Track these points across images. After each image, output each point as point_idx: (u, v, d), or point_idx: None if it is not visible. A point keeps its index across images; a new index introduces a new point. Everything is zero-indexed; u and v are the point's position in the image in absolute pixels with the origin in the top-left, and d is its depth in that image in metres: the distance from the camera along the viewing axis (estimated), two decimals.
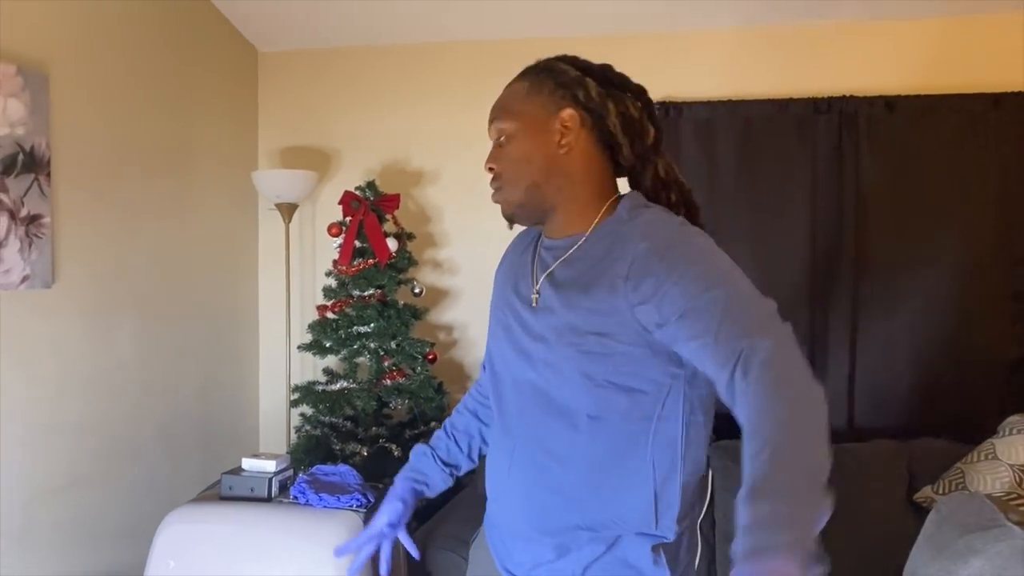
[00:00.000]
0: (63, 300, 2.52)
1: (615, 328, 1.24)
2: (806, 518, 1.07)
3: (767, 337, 1.12)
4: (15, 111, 2.31)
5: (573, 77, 1.33)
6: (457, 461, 1.58)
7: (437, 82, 3.46)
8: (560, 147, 1.32)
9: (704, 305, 1.16)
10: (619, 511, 1.27)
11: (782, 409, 1.09)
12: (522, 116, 1.33)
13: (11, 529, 2.35)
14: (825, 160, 3.09)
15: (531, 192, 1.33)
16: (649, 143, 1.35)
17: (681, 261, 1.20)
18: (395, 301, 3.15)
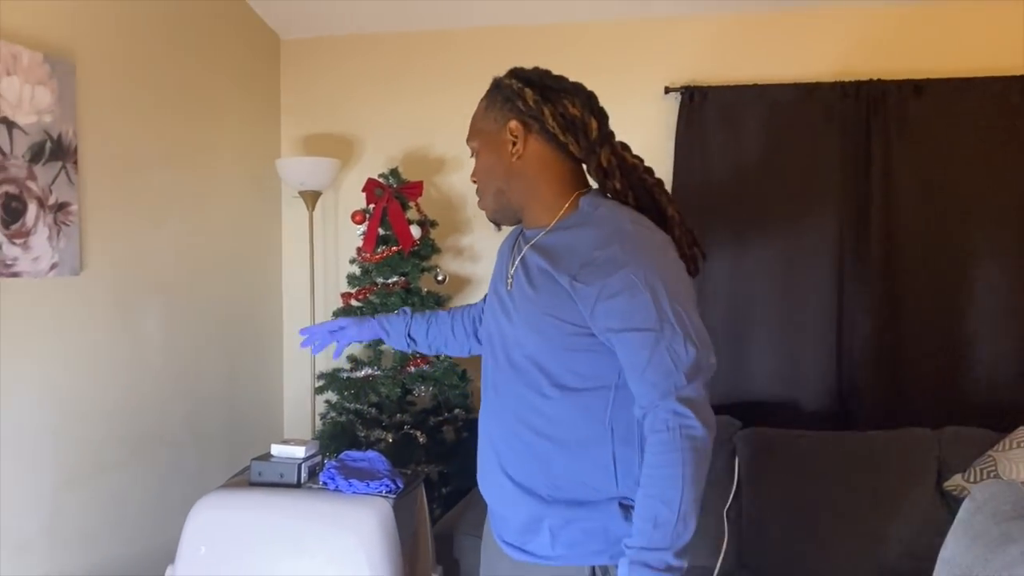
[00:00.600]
0: (91, 287, 2.53)
1: (568, 314, 1.39)
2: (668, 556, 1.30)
3: (678, 405, 1.32)
4: (43, 99, 2.31)
5: (515, 90, 1.48)
6: (419, 339, 1.90)
7: (460, 68, 3.45)
8: (512, 155, 1.49)
9: (638, 341, 1.34)
10: (582, 472, 1.43)
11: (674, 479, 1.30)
12: (482, 132, 1.53)
13: (41, 515, 2.37)
14: (852, 145, 3.04)
15: (498, 197, 1.53)
16: (593, 136, 1.48)
17: (624, 280, 1.34)
18: (419, 288, 3.15)
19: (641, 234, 1.41)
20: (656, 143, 3.25)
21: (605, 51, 3.30)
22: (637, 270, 1.35)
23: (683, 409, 1.31)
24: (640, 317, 1.33)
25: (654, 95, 3.25)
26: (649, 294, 1.34)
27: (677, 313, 1.34)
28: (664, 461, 1.31)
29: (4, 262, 2.21)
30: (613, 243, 1.38)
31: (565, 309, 1.40)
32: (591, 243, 1.40)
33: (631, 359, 1.35)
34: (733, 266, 3.12)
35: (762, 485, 2.67)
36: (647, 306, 1.33)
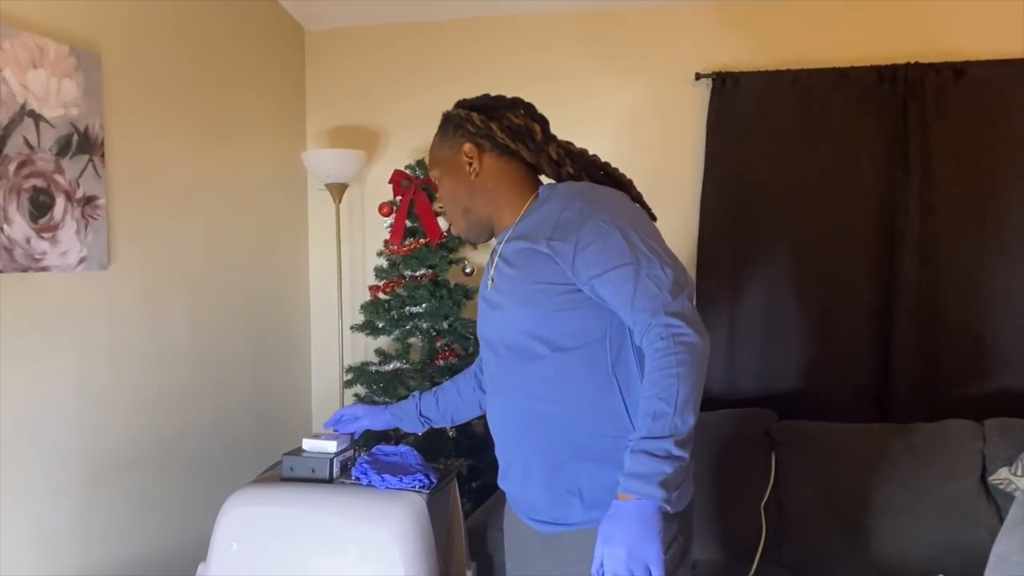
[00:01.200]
0: (118, 281, 2.51)
1: (552, 275, 1.50)
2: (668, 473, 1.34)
3: (668, 318, 1.40)
4: (69, 92, 2.29)
5: (463, 116, 1.64)
6: (431, 415, 2.00)
7: (486, 57, 3.40)
8: (471, 173, 1.63)
9: (620, 276, 1.44)
10: (598, 426, 1.51)
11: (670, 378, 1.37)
12: (442, 162, 1.68)
13: (70, 511, 2.36)
14: (889, 132, 2.96)
15: (467, 216, 1.67)
16: (539, 138, 1.65)
17: (594, 228, 1.47)
18: (446, 281, 3.11)
19: (597, 189, 1.58)
20: (686, 132, 3.19)
21: (633, 38, 3.24)
22: (603, 217, 1.48)
23: (674, 321, 1.40)
24: (616, 255, 1.45)
25: (684, 82, 3.19)
26: (619, 234, 1.46)
27: (648, 244, 1.46)
28: (661, 364, 1.38)
29: (33, 256, 2.19)
30: (575, 201, 1.52)
31: (548, 272, 1.50)
32: (556, 209, 1.54)
33: (619, 295, 1.45)
34: (768, 256, 3.06)
35: (800, 479, 2.61)
36: (619, 245, 1.45)
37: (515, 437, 1.62)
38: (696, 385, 1.39)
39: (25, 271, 2.17)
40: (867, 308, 3.00)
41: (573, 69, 3.26)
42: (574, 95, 3.22)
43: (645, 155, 3.15)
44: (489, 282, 1.66)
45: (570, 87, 3.23)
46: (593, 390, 1.52)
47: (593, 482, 1.52)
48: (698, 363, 1.39)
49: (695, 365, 1.39)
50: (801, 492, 2.59)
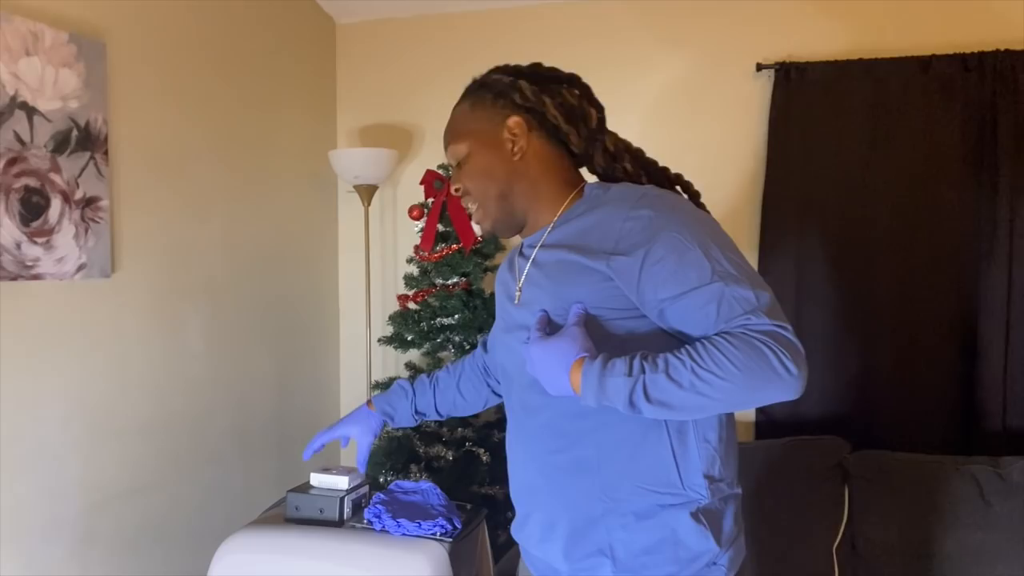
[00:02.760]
0: (123, 291, 2.31)
1: (604, 299, 1.27)
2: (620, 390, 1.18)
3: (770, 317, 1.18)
4: (68, 82, 2.10)
5: (507, 83, 1.39)
6: (427, 412, 1.76)
7: (529, 49, 3.10)
8: (514, 154, 1.37)
9: (702, 298, 1.20)
10: (639, 475, 1.29)
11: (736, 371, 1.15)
12: (472, 134, 1.40)
13: (71, 539, 2.16)
14: (975, 127, 2.66)
15: (501, 203, 1.39)
16: (593, 125, 1.40)
17: (668, 241, 1.23)
18: (480, 290, 2.87)
19: (668, 195, 1.33)
20: (746, 127, 2.93)
21: (689, 25, 2.98)
22: (679, 228, 1.24)
23: (772, 342, 1.16)
24: (696, 275, 1.21)
25: (744, 73, 2.92)
26: (700, 249, 1.22)
27: (734, 262, 1.23)
28: (729, 350, 1.15)
29: (24, 263, 1.99)
30: (643, 208, 1.27)
31: (602, 295, 1.27)
32: (618, 215, 1.28)
33: (698, 320, 1.21)
34: (836, 266, 2.77)
35: (877, 519, 2.32)
36: (700, 261, 1.22)
37: (537, 487, 1.40)
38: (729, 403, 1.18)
39: (15, 279, 1.98)
40: (948, 323, 2.70)
41: (622, 60, 3.01)
42: (624, 87, 2.97)
43: (700, 153, 2.93)
44: (516, 295, 1.42)
45: (619, 79, 2.98)
46: (637, 435, 1.29)
47: (629, 542, 1.30)
48: (755, 392, 1.17)
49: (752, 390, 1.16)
50: (878, 533, 2.30)
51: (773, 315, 1.19)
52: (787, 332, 1.18)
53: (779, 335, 1.17)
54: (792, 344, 1.17)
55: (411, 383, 1.78)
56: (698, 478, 1.29)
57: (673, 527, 1.28)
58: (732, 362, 1.14)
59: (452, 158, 1.44)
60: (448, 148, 1.44)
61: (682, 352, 1.18)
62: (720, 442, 1.32)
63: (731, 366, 1.14)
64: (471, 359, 1.78)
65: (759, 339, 1.15)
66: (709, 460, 1.30)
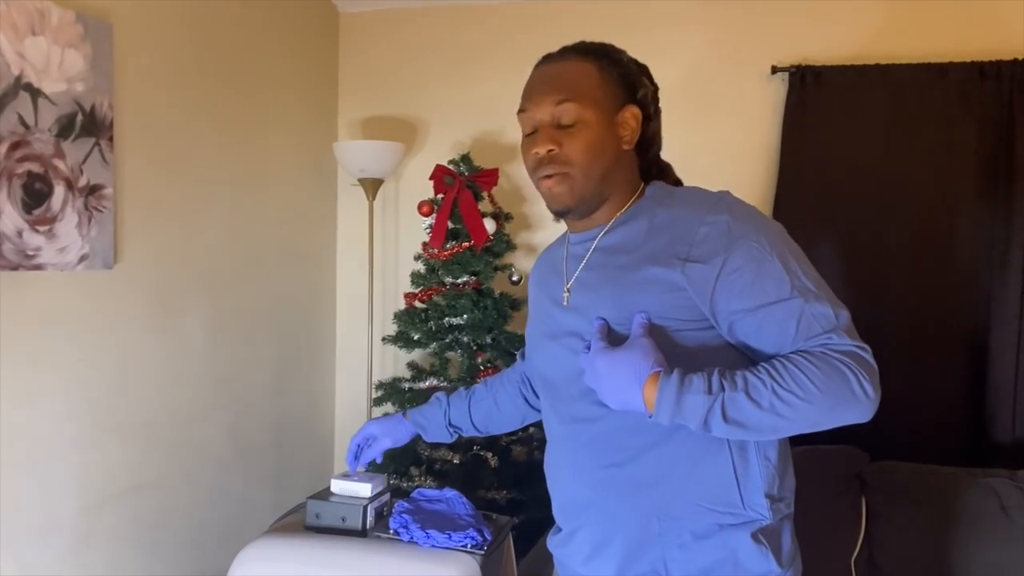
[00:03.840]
0: (126, 282, 2.22)
1: (671, 309, 1.20)
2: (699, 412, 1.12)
3: (850, 337, 1.15)
4: (73, 64, 2.00)
5: (634, 72, 1.33)
6: (462, 425, 1.68)
7: (538, 45, 3.04)
8: (624, 142, 1.30)
9: (779, 314, 1.15)
10: (698, 493, 1.22)
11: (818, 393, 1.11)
12: (599, 104, 1.28)
13: (66, 539, 2.08)
14: (992, 135, 2.62)
15: (599, 185, 1.28)
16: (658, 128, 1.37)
17: (747, 251, 1.17)
18: (491, 290, 2.80)
19: (744, 203, 1.25)
20: (760, 131, 2.88)
21: (703, 26, 2.93)
22: (759, 237, 1.18)
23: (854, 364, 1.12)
24: (775, 288, 1.16)
25: (758, 76, 2.87)
26: (779, 261, 1.17)
27: (812, 277, 1.18)
28: (813, 371, 1.11)
29: (25, 252, 1.90)
30: (721, 213, 1.20)
31: (670, 304, 1.20)
32: (692, 219, 1.21)
33: (774, 337, 1.16)
34: (849, 274, 2.73)
35: (897, 532, 2.27)
36: (780, 275, 1.16)
37: (588, 502, 1.31)
38: (809, 424, 1.13)
39: (15, 269, 1.88)
40: (960, 333, 2.67)
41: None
42: None
43: (713, 155, 2.87)
44: (565, 298, 1.33)
45: None
46: (698, 452, 1.22)
47: (685, 563, 1.23)
48: (837, 413, 1.13)
49: (833, 412, 1.12)
50: (898, 547, 2.26)
51: (852, 335, 1.15)
52: (867, 353, 1.14)
53: (859, 356, 1.13)
54: (871, 366, 1.13)
55: (446, 397, 1.71)
56: (759, 497, 1.23)
57: (733, 548, 1.22)
58: (814, 383, 1.10)
59: (563, 115, 1.27)
60: (561, 102, 1.27)
61: (760, 370, 1.13)
62: (779, 460, 1.27)
63: (813, 387, 1.10)
64: (510, 371, 1.70)
65: (840, 360, 1.11)
66: (770, 479, 1.25)
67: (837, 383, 1.10)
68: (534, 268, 1.50)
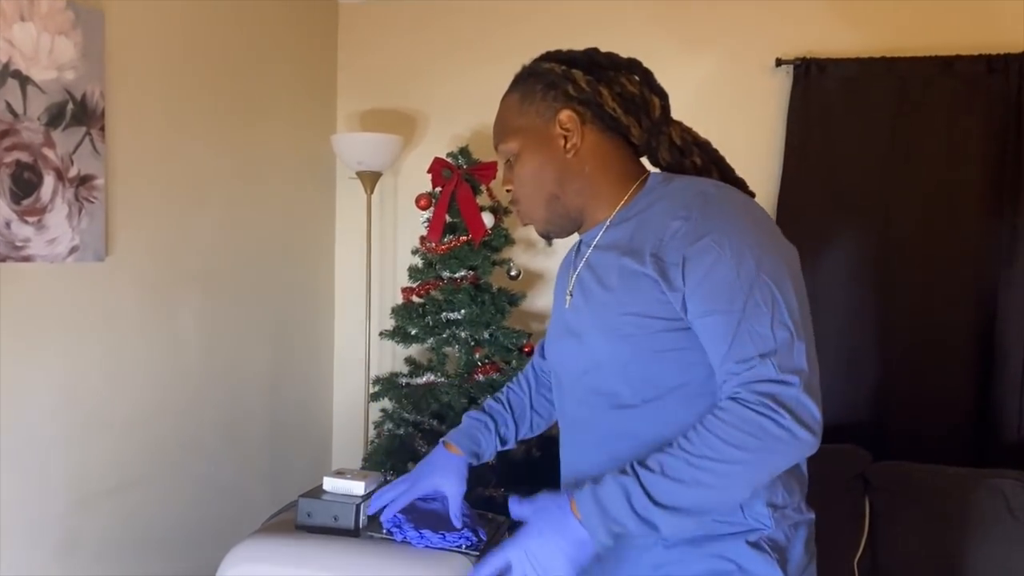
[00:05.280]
0: (117, 275, 2.19)
1: (654, 307, 1.16)
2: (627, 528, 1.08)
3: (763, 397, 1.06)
4: (64, 52, 1.96)
5: (559, 74, 1.27)
6: (509, 438, 1.60)
7: (539, 37, 2.99)
8: (567, 151, 1.26)
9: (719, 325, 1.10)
10: None
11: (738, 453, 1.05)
12: (521, 131, 1.29)
13: (53, 538, 2.04)
14: (1000, 129, 2.58)
15: (552, 205, 1.30)
16: (657, 115, 1.30)
17: (706, 248, 1.12)
18: (489, 284, 2.76)
19: (728, 195, 1.20)
20: (764, 124, 2.84)
21: (708, 19, 2.88)
22: (721, 237, 1.12)
23: (774, 404, 1.05)
24: (726, 295, 1.10)
25: (762, 68, 2.83)
26: (733, 264, 1.10)
27: (766, 288, 1.09)
28: (725, 433, 1.05)
29: (13, 244, 1.86)
30: (693, 208, 1.16)
31: (649, 300, 1.16)
32: (668, 214, 1.18)
33: (712, 349, 1.13)
34: (853, 270, 2.69)
35: (901, 532, 2.24)
36: (729, 281, 1.10)
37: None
38: (742, 488, 1.08)
39: (4, 261, 1.85)
40: (967, 330, 2.62)
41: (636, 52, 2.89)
42: None
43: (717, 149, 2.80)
44: (567, 298, 1.32)
45: None
46: None
47: (681, 566, 1.20)
48: (765, 467, 1.08)
49: (761, 467, 1.07)
50: (902, 548, 2.22)
51: (783, 360, 1.07)
52: (791, 386, 1.05)
53: (779, 395, 1.05)
54: (796, 400, 1.05)
55: (485, 413, 1.61)
56: (760, 507, 1.18)
57: (733, 557, 1.18)
58: (729, 442, 1.05)
59: (502, 156, 1.34)
60: (497, 146, 1.33)
61: (673, 447, 1.09)
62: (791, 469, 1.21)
63: (729, 447, 1.05)
64: (532, 370, 1.65)
65: (755, 405, 1.05)
66: (771, 488, 1.19)
67: (754, 435, 1.04)
68: (563, 262, 1.48)
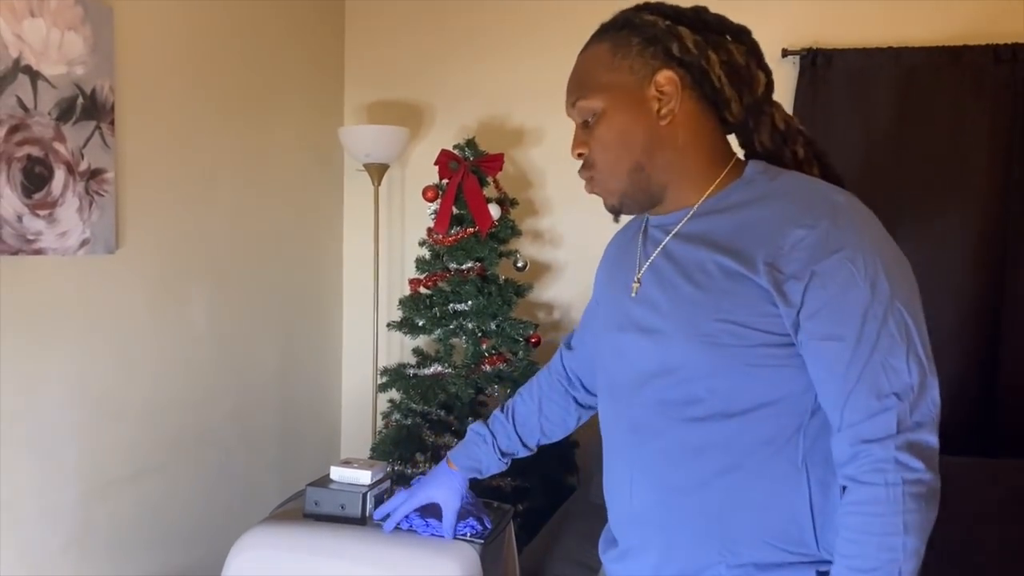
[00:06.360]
0: (127, 268, 2.21)
1: (757, 319, 1.04)
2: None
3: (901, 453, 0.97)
4: (74, 47, 1.98)
5: (663, 29, 1.12)
6: (515, 450, 1.52)
7: (545, 28, 3.05)
8: (661, 118, 1.11)
9: (843, 353, 1.00)
10: (767, 527, 1.07)
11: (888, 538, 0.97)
12: (610, 89, 1.13)
13: (67, 528, 2.07)
14: (1006, 120, 2.58)
15: (635, 176, 1.14)
16: (760, 92, 1.14)
17: (840, 266, 1.00)
18: (496, 276, 2.78)
19: (858, 208, 1.05)
20: None
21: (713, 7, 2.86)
22: (855, 254, 1.00)
23: (909, 458, 0.96)
24: (849, 320, 0.99)
25: (769, 59, 2.68)
26: (868, 289, 0.99)
27: (900, 317, 0.99)
28: (880, 527, 0.96)
29: (25, 237, 1.89)
30: (822, 218, 1.02)
31: (754, 313, 1.04)
32: (788, 219, 1.04)
33: (829, 378, 1.02)
34: None
35: None
36: (862, 305, 0.99)
37: (647, 523, 1.17)
38: (922, 556, 0.98)
39: (15, 254, 1.87)
40: (975, 322, 2.63)
41: None
42: None
43: None
44: (633, 286, 1.18)
45: None
46: (772, 482, 1.07)
47: None
48: (928, 525, 0.98)
49: (925, 529, 0.97)
50: None
51: (918, 399, 0.99)
52: (924, 430, 0.98)
53: (914, 444, 0.97)
54: (927, 445, 0.98)
55: (486, 425, 1.53)
56: (833, 537, 1.06)
57: None
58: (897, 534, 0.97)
59: (578, 116, 1.17)
60: (575, 103, 1.16)
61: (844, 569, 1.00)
62: None
63: (899, 539, 0.96)
64: (550, 373, 1.53)
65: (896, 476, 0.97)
66: None
67: (907, 509, 0.97)
68: (606, 251, 1.36)
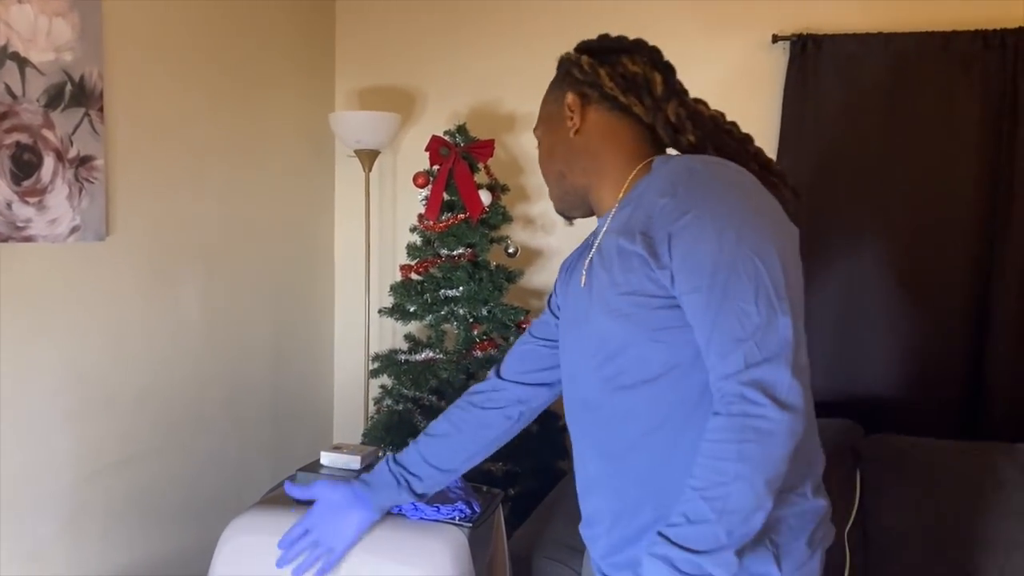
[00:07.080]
0: (118, 254, 2.21)
1: (647, 285, 1.16)
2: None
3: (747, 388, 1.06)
4: (61, 33, 1.98)
5: (571, 61, 1.36)
6: (435, 482, 1.55)
7: (538, 15, 3.05)
8: (570, 130, 1.34)
9: (701, 302, 1.10)
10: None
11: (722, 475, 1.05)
12: (544, 118, 1.41)
13: (60, 511, 2.08)
14: (995, 106, 2.58)
15: (561, 182, 1.38)
16: (659, 93, 1.31)
17: (691, 225, 1.12)
18: (487, 262, 2.79)
19: (715, 170, 1.18)
20: (760, 101, 2.83)
21: None
22: (702, 212, 1.12)
23: (755, 394, 1.05)
24: (705, 270, 1.10)
25: (759, 45, 2.83)
26: (716, 241, 1.10)
27: (748, 261, 1.08)
28: (716, 452, 1.06)
29: (15, 224, 1.89)
30: (679, 184, 1.16)
31: (642, 279, 1.16)
32: (656, 191, 1.19)
33: (698, 327, 1.12)
34: (848, 245, 2.70)
35: (891, 505, 2.27)
36: (711, 256, 1.09)
37: (594, 488, 1.33)
38: (759, 488, 1.04)
39: (5, 241, 1.88)
40: (964, 307, 2.64)
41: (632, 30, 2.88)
42: None
43: None
44: (582, 278, 1.33)
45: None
46: (690, 435, 1.16)
47: None
48: (768, 459, 1.04)
49: (763, 462, 1.04)
50: (892, 520, 2.25)
51: (767, 336, 1.06)
52: (773, 364, 1.06)
53: (762, 380, 1.05)
54: (777, 380, 1.05)
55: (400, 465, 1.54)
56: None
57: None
58: (728, 459, 1.05)
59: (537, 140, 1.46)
60: (534, 130, 1.46)
61: (686, 491, 1.08)
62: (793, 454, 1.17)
63: (730, 464, 1.04)
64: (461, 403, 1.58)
65: (736, 408, 1.05)
66: None
67: (747, 439, 1.04)
68: (563, 263, 1.51)
